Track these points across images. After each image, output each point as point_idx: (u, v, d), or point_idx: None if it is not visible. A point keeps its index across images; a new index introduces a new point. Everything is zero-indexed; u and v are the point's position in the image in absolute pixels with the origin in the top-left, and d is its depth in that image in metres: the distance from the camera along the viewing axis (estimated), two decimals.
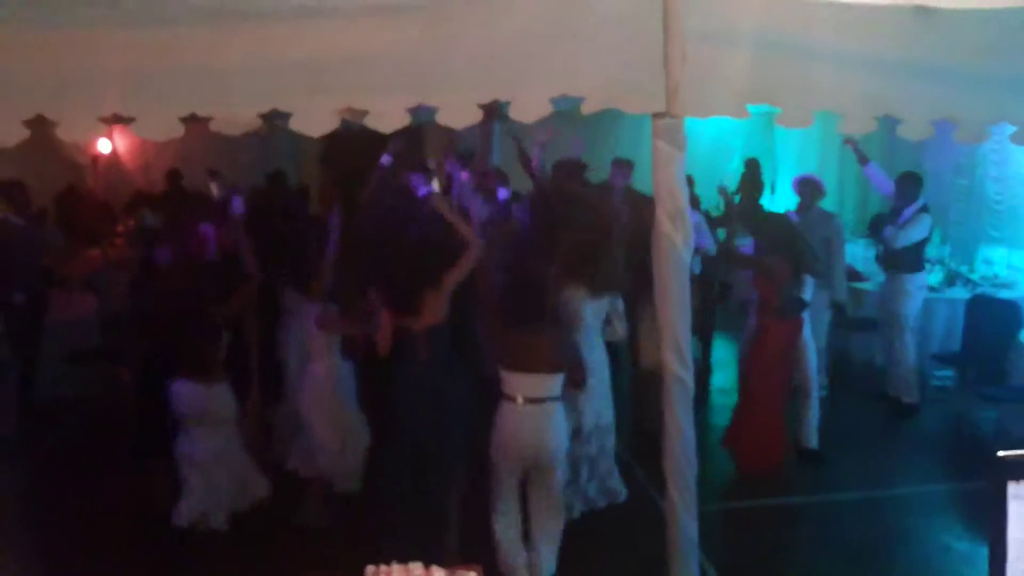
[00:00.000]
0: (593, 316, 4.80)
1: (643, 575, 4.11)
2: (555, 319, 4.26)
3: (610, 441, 4.98)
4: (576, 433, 4.71)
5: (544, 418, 4.11)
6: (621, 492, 5.04)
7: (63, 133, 2.78)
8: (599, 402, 4.85)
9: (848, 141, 7.10)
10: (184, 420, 4.76)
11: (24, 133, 2.78)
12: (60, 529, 4.99)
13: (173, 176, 10.30)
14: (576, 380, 4.26)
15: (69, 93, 2.74)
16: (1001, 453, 1.74)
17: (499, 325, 4.25)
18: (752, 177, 11.51)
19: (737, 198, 9.42)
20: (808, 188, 6.90)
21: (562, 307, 4.54)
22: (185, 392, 4.71)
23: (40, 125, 2.77)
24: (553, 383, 4.13)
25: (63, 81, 2.73)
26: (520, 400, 4.10)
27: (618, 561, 4.61)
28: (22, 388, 6.56)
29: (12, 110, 2.73)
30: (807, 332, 5.87)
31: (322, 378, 4.90)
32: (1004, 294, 7.26)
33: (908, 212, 6.81)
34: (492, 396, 4.25)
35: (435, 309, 4.24)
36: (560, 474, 4.27)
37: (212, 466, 4.81)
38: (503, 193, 7.29)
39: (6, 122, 2.74)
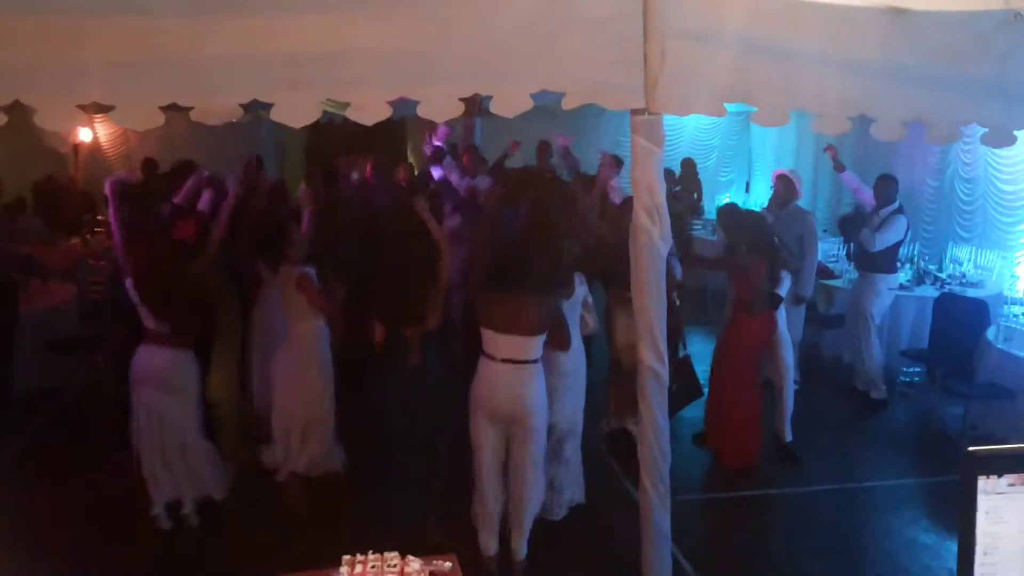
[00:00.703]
0: (568, 311, 4.74)
1: (617, 567, 4.17)
2: (537, 283, 4.22)
3: (575, 447, 4.93)
4: (551, 429, 4.68)
5: (522, 377, 4.15)
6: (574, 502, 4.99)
7: (41, 120, 2.75)
8: (573, 403, 4.82)
9: (828, 148, 7.23)
10: (143, 388, 4.74)
11: (2, 119, 2.76)
12: (41, 520, 4.95)
13: (149, 165, 10.21)
14: (559, 342, 4.30)
15: (48, 80, 2.71)
16: (971, 448, 1.79)
17: (483, 286, 4.24)
18: (689, 177, 11.77)
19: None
20: (784, 184, 7.00)
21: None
22: (146, 356, 4.71)
23: (19, 112, 2.76)
24: (533, 346, 4.17)
25: (42, 68, 2.70)
26: (499, 359, 4.13)
27: (592, 553, 4.66)
28: (1, 379, 6.49)
29: None
30: (782, 326, 5.94)
31: (296, 340, 4.90)
32: (971, 293, 7.41)
33: (883, 214, 6.93)
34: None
35: (436, 314, 4.28)
36: (539, 437, 4.26)
37: (169, 445, 4.79)
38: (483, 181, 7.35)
39: None
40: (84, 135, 11.53)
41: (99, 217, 10.22)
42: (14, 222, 7.36)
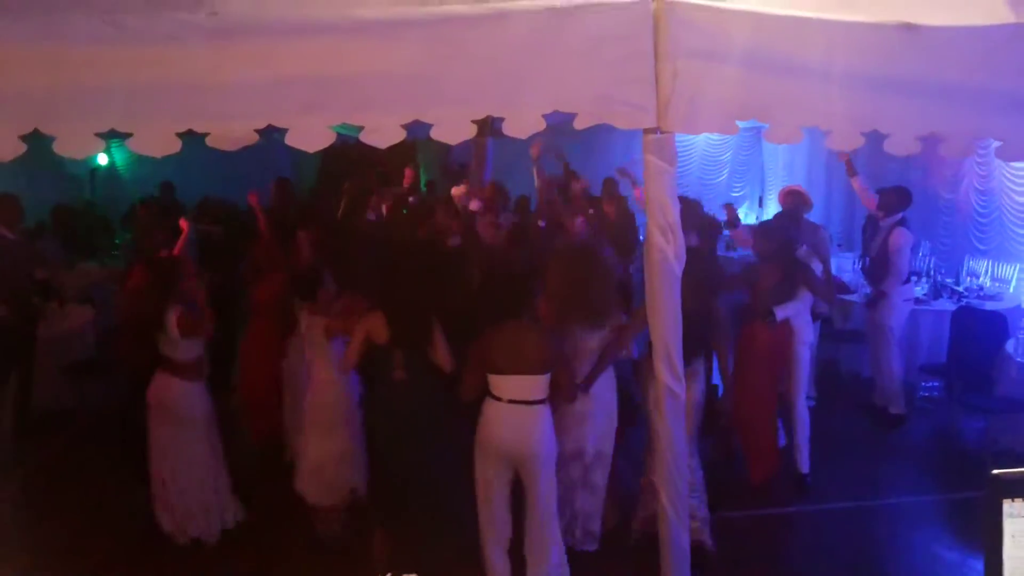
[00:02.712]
0: (599, 343, 4.68)
1: None
2: (535, 317, 4.23)
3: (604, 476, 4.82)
4: (578, 455, 4.68)
5: (527, 418, 4.10)
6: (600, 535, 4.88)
7: (60, 148, 2.80)
8: (602, 429, 4.72)
9: (842, 155, 7.20)
10: (159, 418, 4.78)
11: (21, 148, 2.80)
12: (57, 541, 4.99)
13: (166, 188, 10.32)
14: (564, 387, 4.23)
15: (67, 108, 2.76)
16: (995, 472, 1.77)
17: (482, 326, 4.23)
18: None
19: None
20: (794, 199, 6.97)
21: (564, 343, 4.47)
22: (161, 387, 4.74)
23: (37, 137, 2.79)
24: (537, 385, 4.12)
25: (61, 96, 2.75)
26: (504, 400, 4.10)
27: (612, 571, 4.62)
28: (19, 400, 6.55)
29: (9, 125, 2.75)
30: (802, 341, 5.88)
31: (320, 387, 4.85)
32: (990, 306, 7.35)
33: (885, 225, 6.91)
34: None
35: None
36: (546, 481, 4.20)
37: (186, 469, 4.81)
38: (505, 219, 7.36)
39: (3, 137, 2.75)
40: (101, 159, 11.67)
41: (116, 241, 10.34)
42: (32, 246, 7.43)
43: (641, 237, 5.33)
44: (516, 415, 4.10)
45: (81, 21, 2.68)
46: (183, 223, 5.79)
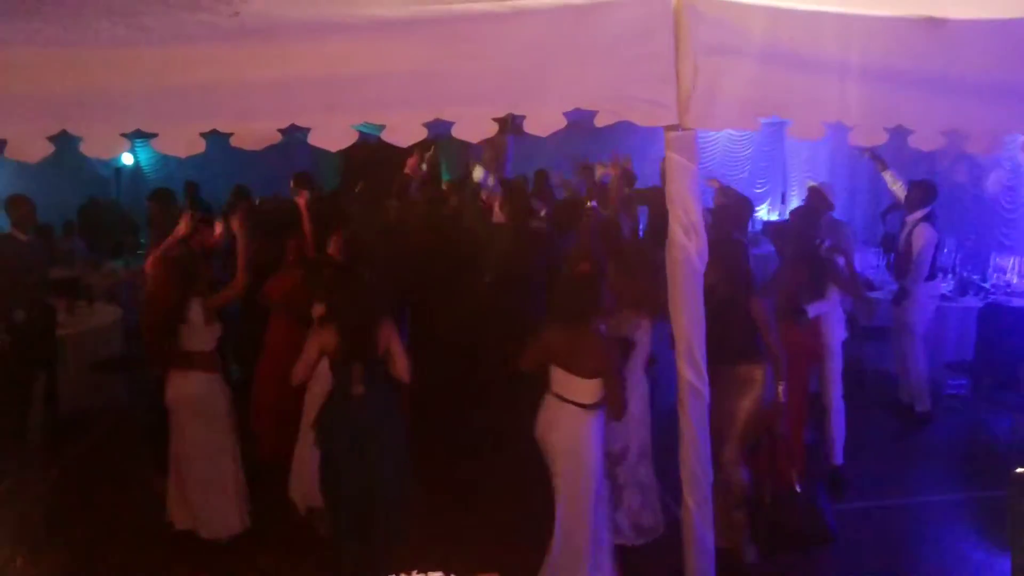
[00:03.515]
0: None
1: None
2: (597, 324, 4.15)
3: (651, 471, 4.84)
4: (623, 453, 4.69)
5: (572, 421, 4.04)
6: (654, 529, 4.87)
7: (87, 149, 2.83)
8: (643, 426, 4.76)
9: (867, 149, 7.13)
10: (176, 412, 4.82)
11: (49, 148, 2.84)
12: (86, 538, 5.06)
13: (190, 188, 10.41)
14: (614, 399, 4.09)
15: (93, 109, 2.79)
16: (1020, 470, 1.75)
17: (549, 319, 4.19)
18: None
19: None
20: (818, 196, 6.91)
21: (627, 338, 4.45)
22: (180, 383, 4.78)
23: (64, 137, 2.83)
24: (586, 388, 4.03)
25: (87, 97, 2.79)
26: (555, 396, 4.07)
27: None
28: (47, 399, 6.64)
29: (38, 126, 2.79)
30: (833, 339, 5.83)
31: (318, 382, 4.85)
32: (1016, 303, 7.25)
33: (909, 220, 6.85)
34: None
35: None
36: (586, 488, 4.08)
37: (204, 464, 4.84)
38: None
39: (32, 137, 2.79)
40: (126, 159, 11.83)
41: (141, 240, 10.47)
42: (48, 247, 7.52)
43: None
44: (563, 415, 4.05)
45: (106, 24, 2.71)
46: (218, 226, 5.77)
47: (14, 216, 6.46)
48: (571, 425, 4.04)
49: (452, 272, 6.18)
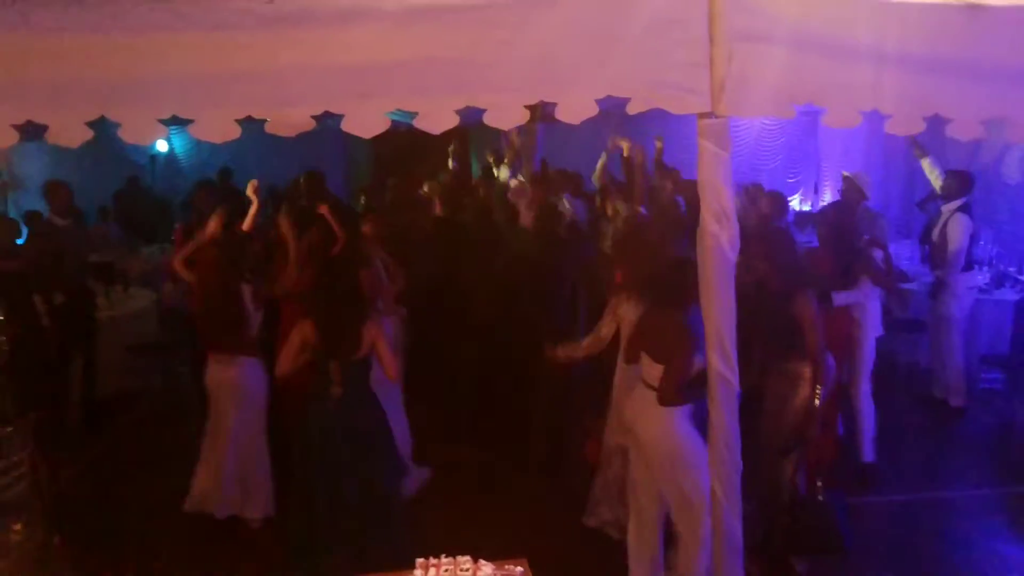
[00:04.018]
0: None
1: None
2: (686, 310, 4.04)
3: None
4: None
5: (660, 411, 4.01)
6: None
7: (125, 135, 2.87)
8: None
9: (909, 138, 7.03)
10: (216, 395, 4.89)
11: (88, 134, 2.87)
12: (123, 518, 5.20)
13: (224, 174, 10.52)
14: (669, 383, 4.04)
15: (131, 95, 2.82)
16: None
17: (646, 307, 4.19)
18: None
19: None
20: (852, 186, 6.82)
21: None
22: (223, 367, 4.86)
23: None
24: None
25: (126, 83, 2.82)
26: (642, 384, 4.06)
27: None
28: (84, 380, 6.77)
29: (77, 111, 2.83)
30: (868, 332, 5.75)
31: None
32: None
33: (945, 211, 6.76)
34: None
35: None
36: (690, 482, 4.04)
37: (241, 446, 4.91)
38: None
39: (72, 123, 2.83)
40: (161, 145, 11.99)
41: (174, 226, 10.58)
42: (86, 232, 7.67)
43: None
44: (649, 403, 4.04)
45: (145, 11, 2.73)
46: (252, 193, 5.71)
47: (53, 202, 6.60)
48: (660, 414, 4.01)
49: (477, 265, 6.24)
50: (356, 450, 4.15)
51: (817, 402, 4.36)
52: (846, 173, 7.03)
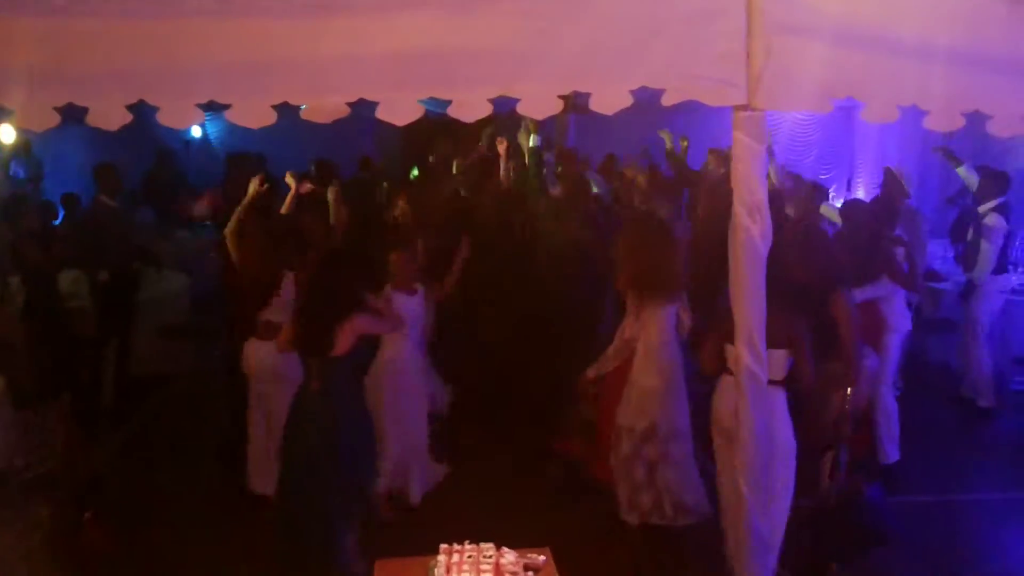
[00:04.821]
0: (669, 318, 4.72)
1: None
2: (783, 295, 3.93)
3: (685, 449, 4.81)
4: (651, 432, 4.67)
5: (775, 397, 3.91)
6: (698, 509, 4.81)
7: (164, 119, 2.91)
8: (670, 403, 4.72)
9: (938, 149, 6.96)
10: (256, 380, 4.94)
11: (127, 117, 2.92)
12: (156, 498, 5.28)
13: (257, 160, 10.57)
14: (801, 366, 4.00)
15: (170, 80, 2.86)
16: None
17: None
18: None
19: None
20: (894, 180, 6.71)
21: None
22: (254, 352, 4.90)
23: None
24: (773, 362, 3.84)
25: (165, 68, 2.86)
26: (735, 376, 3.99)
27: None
28: (119, 362, 6.88)
29: (117, 95, 2.87)
30: (892, 330, 5.69)
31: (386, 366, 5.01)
32: None
33: (981, 210, 6.66)
34: None
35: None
36: (772, 462, 3.87)
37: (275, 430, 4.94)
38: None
39: (112, 106, 2.87)
40: (195, 131, 12.10)
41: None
42: (129, 214, 7.80)
43: None
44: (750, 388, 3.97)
45: None
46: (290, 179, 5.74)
47: (102, 183, 6.73)
48: (774, 401, 3.91)
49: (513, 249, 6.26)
50: (328, 447, 4.09)
51: (851, 401, 4.32)
52: (889, 169, 6.92)
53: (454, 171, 7.88)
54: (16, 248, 6.16)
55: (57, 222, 8.56)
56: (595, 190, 7.05)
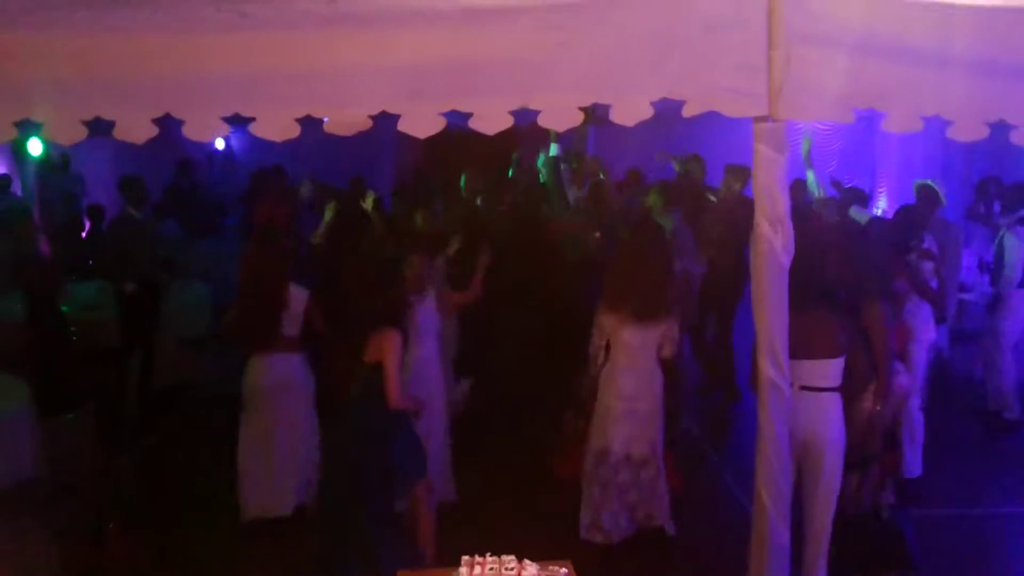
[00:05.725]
0: (641, 342, 4.71)
1: None
2: (833, 302, 4.07)
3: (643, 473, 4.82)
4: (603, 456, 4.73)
5: (816, 407, 3.99)
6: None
7: (188, 132, 2.95)
8: (638, 429, 4.76)
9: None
10: (257, 393, 4.96)
11: (154, 130, 2.95)
12: (176, 507, 5.31)
13: (276, 173, 10.65)
14: (859, 366, 4.06)
15: (196, 93, 2.90)
16: None
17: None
18: None
19: None
20: (930, 193, 6.63)
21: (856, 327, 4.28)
22: (272, 365, 4.92)
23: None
24: (828, 370, 3.99)
25: (191, 82, 2.90)
26: (796, 388, 3.87)
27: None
28: (143, 372, 6.94)
29: (144, 110, 2.91)
30: (918, 342, 5.63)
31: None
32: None
33: (1005, 223, 6.62)
34: None
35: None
36: (829, 471, 4.06)
37: (276, 443, 4.96)
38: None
39: (139, 120, 2.91)
40: (218, 143, 12.23)
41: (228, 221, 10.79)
42: (155, 225, 7.88)
43: None
44: (805, 404, 3.96)
45: (212, 11, 2.80)
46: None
47: (129, 194, 6.81)
48: (831, 412, 4.00)
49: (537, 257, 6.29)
50: (362, 454, 4.13)
51: (882, 417, 4.30)
52: (923, 181, 6.82)
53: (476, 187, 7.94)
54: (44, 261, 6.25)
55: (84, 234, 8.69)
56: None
